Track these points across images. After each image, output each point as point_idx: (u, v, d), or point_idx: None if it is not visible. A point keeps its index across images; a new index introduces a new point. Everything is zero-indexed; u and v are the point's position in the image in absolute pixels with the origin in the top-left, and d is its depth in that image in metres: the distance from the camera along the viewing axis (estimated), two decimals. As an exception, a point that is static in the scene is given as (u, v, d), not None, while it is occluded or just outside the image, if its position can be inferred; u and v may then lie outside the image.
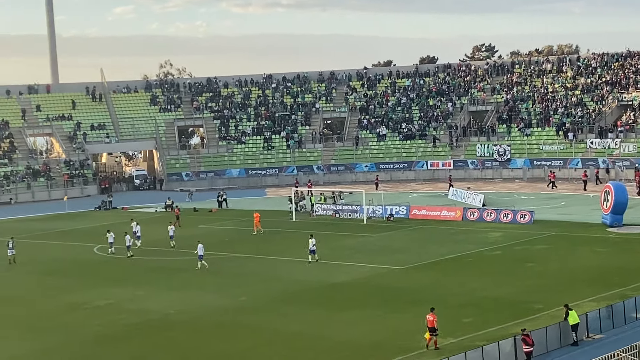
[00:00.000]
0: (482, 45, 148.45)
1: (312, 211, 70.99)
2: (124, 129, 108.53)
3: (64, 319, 39.66)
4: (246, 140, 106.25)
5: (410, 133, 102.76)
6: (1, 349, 34.96)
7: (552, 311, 35.52)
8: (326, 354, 31.96)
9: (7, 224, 75.72)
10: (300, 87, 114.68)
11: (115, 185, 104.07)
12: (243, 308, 39.93)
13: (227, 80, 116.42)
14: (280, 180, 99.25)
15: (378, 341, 33.17)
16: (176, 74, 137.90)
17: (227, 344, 33.99)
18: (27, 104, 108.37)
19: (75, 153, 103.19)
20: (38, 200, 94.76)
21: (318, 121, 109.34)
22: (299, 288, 43.48)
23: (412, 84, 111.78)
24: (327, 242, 57.16)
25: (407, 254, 51.64)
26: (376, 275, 45.95)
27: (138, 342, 35.07)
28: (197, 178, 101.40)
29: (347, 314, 37.69)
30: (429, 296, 40.08)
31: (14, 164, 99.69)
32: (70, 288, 46.55)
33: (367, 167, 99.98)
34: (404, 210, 67.40)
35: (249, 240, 60.11)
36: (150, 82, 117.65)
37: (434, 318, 32.06)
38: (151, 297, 43.30)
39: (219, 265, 51.13)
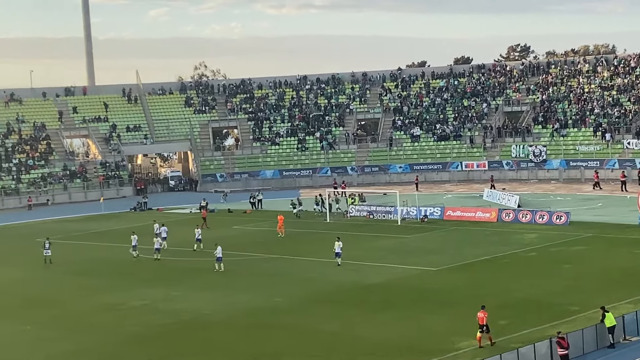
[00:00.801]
0: (517, 45, 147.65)
1: (346, 212, 70.89)
2: (159, 130, 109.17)
3: (100, 319, 39.92)
4: (280, 142, 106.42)
5: (445, 134, 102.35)
6: (38, 349, 35.27)
7: (588, 313, 35.22)
8: (360, 355, 31.89)
9: (45, 225, 76.46)
10: (334, 88, 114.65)
11: (150, 186, 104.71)
12: (277, 309, 39.96)
13: (261, 82, 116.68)
14: (314, 181, 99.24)
15: (412, 342, 33.05)
16: (211, 76, 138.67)
17: (262, 344, 34.03)
18: (63, 106, 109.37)
19: (111, 154, 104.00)
20: (75, 202, 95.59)
21: (352, 122, 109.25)
22: (333, 289, 43.44)
23: (446, 84, 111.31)
24: (361, 243, 57.16)
25: (442, 255, 51.41)
26: (410, 276, 45.79)
27: (173, 342, 35.20)
28: (232, 179, 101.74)
29: (381, 315, 37.59)
30: (464, 297, 39.92)
31: (51, 165, 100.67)
32: (106, 289, 46.87)
33: (401, 168, 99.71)
34: (439, 212, 67.13)
35: (283, 241, 60.16)
36: (185, 84, 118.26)
37: (485, 315, 32.26)
38: (186, 297, 43.47)
39: (253, 266, 51.26)
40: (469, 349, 31.68)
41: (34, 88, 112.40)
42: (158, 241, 55.16)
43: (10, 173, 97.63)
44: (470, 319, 35.68)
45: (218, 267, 49.60)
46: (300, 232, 63.56)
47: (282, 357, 32.36)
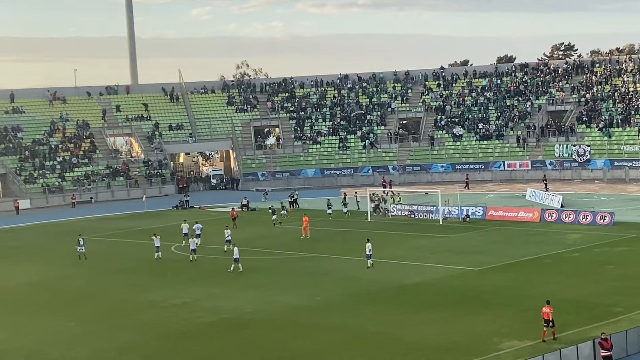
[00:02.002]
0: (561, 44, 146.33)
1: (387, 211, 70.71)
2: (201, 129, 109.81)
3: (142, 316, 40.23)
4: (322, 141, 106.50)
5: (487, 133, 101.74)
6: (82, 345, 35.62)
7: (632, 314, 34.82)
8: (401, 355, 31.80)
9: (88, 223, 77.26)
10: (375, 87, 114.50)
11: (192, 184, 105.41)
12: (318, 307, 39.98)
13: (302, 81, 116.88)
14: (355, 180, 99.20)
15: (453, 343, 32.88)
16: (252, 75, 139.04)
17: (303, 343, 34.06)
18: (107, 105, 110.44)
19: (153, 153, 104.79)
20: (117, 200, 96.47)
21: (393, 121, 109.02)
22: (374, 288, 43.36)
23: (489, 83, 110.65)
24: (402, 243, 57.03)
25: (484, 255, 51.09)
26: (451, 276, 45.56)
27: (214, 340, 35.36)
28: (273, 178, 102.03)
29: (422, 315, 37.44)
30: (505, 298, 39.65)
31: (94, 163, 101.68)
32: (148, 286, 47.23)
33: (442, 168, 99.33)
34: (480, 211, 66.74)
35: (324, 240, 60.16)
36: (227, 83, 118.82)
37: (550, 310, 32.40)
38: (227, 295, 43.64)
39: (294, 264, 51.34)
40: (510, 350, 31.44)
41: (77, 87, 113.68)
42: (194, 242, 54.55)
43: (55, 171, 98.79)
44: (512, 320, 35.52)
45: (235, 267, 49.00)
46: (341, 232, 63.54)
47: (323, 356, 32.35)
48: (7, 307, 43.93)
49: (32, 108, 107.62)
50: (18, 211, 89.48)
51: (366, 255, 48.76)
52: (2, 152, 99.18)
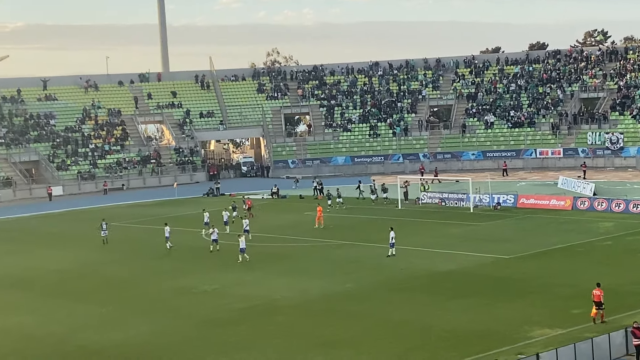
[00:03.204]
0: (594, 30, 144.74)
1: (417, 199, 70.48)
2: (231, 116, 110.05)
3: (173, 302, 40.46)
4: (352, 128, 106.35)
5: (519, 121, 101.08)
6: (115, 330, 35.89)
7: (665, 303, 34.47)
8: (432, 342, 31.74)
9: (119, 210, 77.82)
10: (406, 74, 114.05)
11: (223, 172, 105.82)
12: (349, 295, 39.98)
13: (333, 68, 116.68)
14: (385, 167, 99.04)
15: (484, 331, 32.76)
16: (283, 62, 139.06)
17: (333, 330, 34.07)
18: (138, 92, 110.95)
19: (184, 140, 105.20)
20: (149, 187, 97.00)
21: (424, 109, 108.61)
22: (405, 276, 43.29)
23: (520, 70, 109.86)
24: (433, 231, 56.89)
25: (514, 243, 50.83)
26: (482, 264, 45.38)
27: (245, 326, 35.48)
28: (303, 165, 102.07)
29: (453, 303, 37.33)
30: (536, 286, 39.45)
31: (126, 151, 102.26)
32: (179, 272, 47.46)
33: (474, 155, 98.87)
34: (512, 199, 66.37)
35: (355, 227, 60.17)
36: (257, 70, 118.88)
37: (601, 293, 32.65)
38: (257, 282, 43.76)
39: (325, 252, 51.36)
40: (541, 338, 31.27)
41: (109, 74, 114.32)
42: (215, 232, 53.22)
43: (87, 158, 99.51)
44: (543, 308, 35.34)
45: (242, 258, 48.60)
46: (371, 219, 63.48)
47: (355, 343, 32.35)
48: (40, 293, 44.37)
49: (65, 95, 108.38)
50: (51, 198, 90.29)
51: (389, 244, 48.49)
52: (36, 139, 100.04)
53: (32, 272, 50.16)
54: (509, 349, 30.23)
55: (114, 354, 32.68)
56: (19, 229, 69.61)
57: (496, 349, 30.24)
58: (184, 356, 31.88)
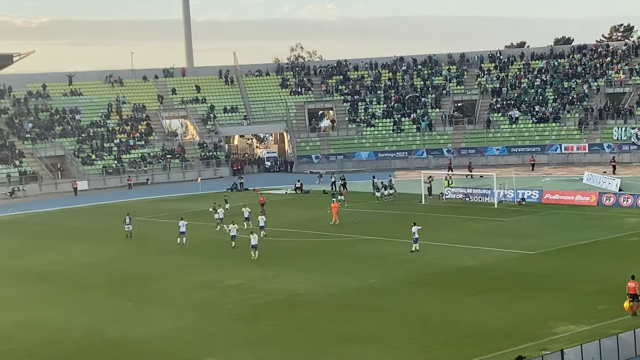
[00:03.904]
0: (620, 25, 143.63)
1: (441, 195, 70.27)
2: (255, 111, 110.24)
3: (198, 296, 40.61)
4: (376, 123, 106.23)
5: (544, 116, 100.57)
6: (140, 324, 36.10)
7: (692, 300, 34.14)
8: (456, 338, 31.67)
9: (144, 204, 78.18)
10: (430, 69, 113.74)
11: (246, 167, 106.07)
12: (372, 290, 39.98)
13: (357, 63, 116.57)
14: (409, 163, 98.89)
15: (508, 327, 32.67)
16: (307, 57, 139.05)
17: (357, 325, 34.09)
18: (163, 88, 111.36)
19: (208, 135, 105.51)
20: (173, 181, 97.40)
21: (448, 104, 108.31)
22: (428, 271, 43.23)
23: (546, 65, 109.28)
24: (456, 226, 56.75)
25: (539, 238, 50.61)
26: (507, 260, 45.22)
27: (269, 321, 35.56)
28: (327, 160, 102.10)
29: (477, 299, 37.25)
30: (561, 282, 39.28)
31: (150, 145, 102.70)
32: (203, 267, 47.64)
33: (498, 151, 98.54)
34: (536, 195, 66.06)
35: (378, 223, 60.13)
36: (281, 65, 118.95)
37: (636, 285, 32.55)
38: (281, 277, 43.84)
39: (348, 247, 51.37)
40: (566, 334, 31.14)
41: (134, 69, 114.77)
42: (235, 228, 52.76)
43: (112, 153, 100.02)
44: (567, 304, 35.18)
45: (254, 254, 48.24)
46: (394, 214, 63.41)
47: (378, 338, 32.35)
48: (65, 287, 44.67)
49: (90, 91, 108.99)
50: (76, 192, 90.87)
51: (413, 239, 48.32)
52: (61, 134, 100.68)
53: (58, 266, 50.53)
54: (534, 345, 30.11)
55: (139, 347, 32.87)
56: (44, 224, 70.10)
57: (520, 345, 30.14)
58: (208, 350, 32.01)
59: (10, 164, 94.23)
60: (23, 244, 59.94)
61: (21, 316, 38.53)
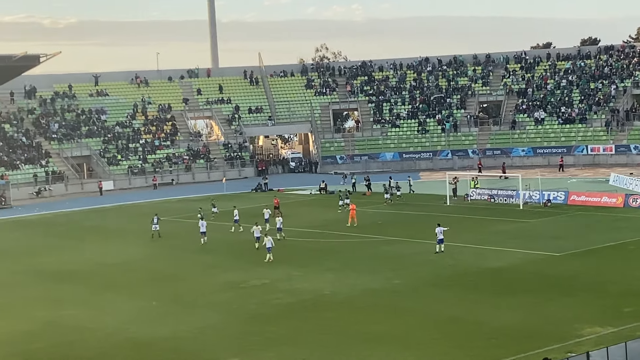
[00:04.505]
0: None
1: (466, 195, 70.03)
2: (280, 112, 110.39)
3: (222, 296, 40.68)
4: (400, 124, 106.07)
5: (570, 117, 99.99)
6: (165, 324, 36.19)
7: None
8: (481, 340, 31.53)
9: (169, 204, 78.48)
10: (455, 70, 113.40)
11: (271, 167, 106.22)
12: (397, 291, 39.90)
13: (382, 64, 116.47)
14: (434, 164, 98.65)
15: (533, 328, 32.48)
16: (331, 58, 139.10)
17: (382, 326, 34.01)
18: (188, 88, 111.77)
19: (233, 136, 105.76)
20: (198, 182, 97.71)
21: (474, 104, 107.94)
22: (453, 272, 43.09)
23: (572, 66, 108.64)
24: (481, 227, 56.54)
25: (565, 240, 50.31)
26: (532, 261, 44.98)
27: (293, 321, 35.57)
28: (352, 161, 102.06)
29: (501, 300, 37.06)
30: (587, 284, 39.03)
31: (175, 146, 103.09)
32: (227, 267, 47.74)
33: (523, 152, 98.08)
34: (562, 196, 65.69)
35: (403, 224, 60.02)
36: (306, 66, 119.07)
37: None
38: (306, 277, 43.84)
39: (372, 248, 51.31)
40: (592, 336, 30.93)
41: (160, 70, 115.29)
42: (258, 229, 52.65)
43: (137, 153, 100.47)
44: (593, 306, 34.94)
45: (268, 257, 47.85)
46: (419, 215, 63.28)
47: (402, 339, 32.27)
48: (91, 287, 44.89)
49: (116, 91, 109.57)
50: (102, 192, 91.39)
51: (437, 240, 48.05)
52: (87, 134, 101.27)
53: (83, 265, 50.81)
54: (559, 347, 29.93)
55: (164, 347, 32.98)
56: (70, 223, 70.54)
57: (546, 347, 29.96)
58: (232, 350, 32.06)
59: (36, 164, 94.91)
60: (49, 243, 60.37)
61: (47, 315, 38.78)
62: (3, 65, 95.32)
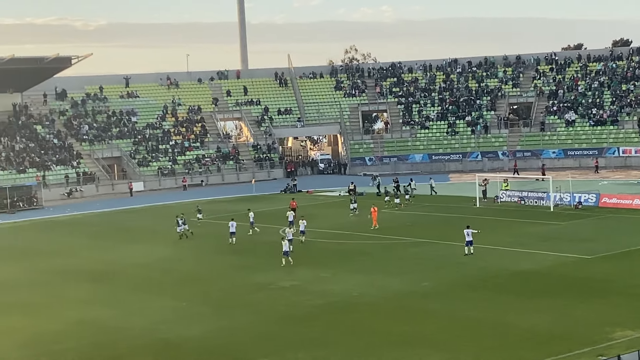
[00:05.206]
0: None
1: (496, 197, 69.65)
2: (309, 113, 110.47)
3: (251, 298, 40.76)
4: (430, 125, 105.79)
5: (601, 119, 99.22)
6: (194, 324, 36.31)
7: None
8: (511, 343, 31.36)
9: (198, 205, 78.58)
10: (485, 71, 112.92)
11: (300, 169, 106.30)
12: (425, 293, 39.78)
13: (411, 65, 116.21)
14: (464, 165, 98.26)
15: (563, 331, 32.26)
16: (361, 59, 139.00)
17: (410, 328, 33.95)
18: (217, 90, 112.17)
19: (262, 137, 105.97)
20: (227, 183, 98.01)
21: (504, 106, 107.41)
22: (482, 275, 42.88)
23: (603, 67, 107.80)
24: (511, 229, 56.24)
25: (596, 243, 49.93)
26: (562, 264, 44.67)
27: (322, 323, 35.57)
28: (381, 163, 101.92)
29: (532, 303, 36.83)
30: (618, 287, 38.71)
31: (205, 147, 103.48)
32: (256, 268, 47.81)
33: (554, 154, 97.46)
34: (594, 198, 65.18)
35: (431, 225, 59.84)
36: (335, 68, 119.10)
37: None
38: (335, 279, 43.82)
39: (402, 249, 51.21)
40: (623, 340, 30.65)
41: (189, 72, 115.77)
42: (292, 232, 52.63)
43: (167, 154, 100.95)
44: (625, 309, 34.62)
45: (286, 261, 47.63)
46: (448, 217, 63.07)
47: (431, 341, 32.18)
48: (121, 287, 45.16)
49: (146, 93, 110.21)
50: (132, 193, 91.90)
51: (466, 242, 47.86)
52: (117, 136, 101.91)
53: (113, 265, 51.13)
54: (590, 351, 29.70)
55: (194, 347, 33.10)
56: (100, 224, 71.02)
57: (576, 350, 29.76)
58: (262, 351, 32.10)
59: (68, 165, 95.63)
60: (79, 244, 60.79)
61: (77, 315, 39.05)
62: (35, 67, 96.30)
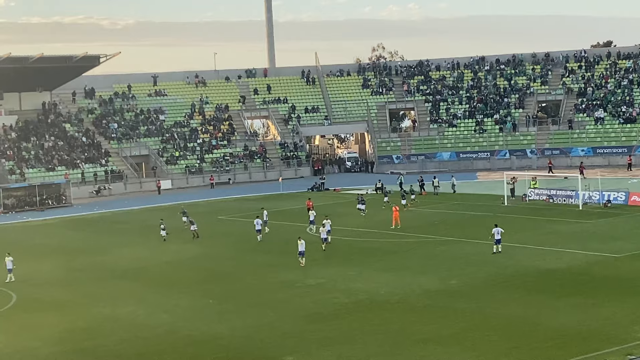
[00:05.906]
0: None
1: (524, 196, 69.28)
2: (336, 112, 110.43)
3: (277, 295, 40.82)
4: (457, 123, 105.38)
5: (631, 116, 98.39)
6: (221, 322, 36.44)
7: None
8: (539, 341, 31.18)
9: (226, 203, 78.98)
10: (514, 69, 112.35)
11: (327, 167, 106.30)
12: (453, 291, 39.65)
13: (438, 63, 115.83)
14: (492, 164, 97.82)
15: (591, 330, 32.04)
16: (388, 57, 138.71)
17: (437, 326, 33.84)
18: (245, 88, 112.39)
19: (289, 135, 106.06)
20: (254, 181, 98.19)
21: (532, 104, 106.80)
22: (510, 273, 42.67)
23: (633, 65, 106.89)
24: (539, 228, 55.94)
25: (625, 241, 49.53)
26: (591, 262, 44.36)
27: (348, 321, 35.55)
28: (408, 161, 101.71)
29: (560, 301, 36.61)
30: (648, 286, 38.37)
31: (232, 145, 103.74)
32: (282, 266, 47.85)
33: (583, 152, 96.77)
34: (623, 197, 64.68)
35: (459, 224, 59.62)
36: (362, 66, 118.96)
37: None
38: (362, 277, 43.79)
39: (429, 248, 51.08)
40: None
41: (217, 70, 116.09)
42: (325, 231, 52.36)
43: (195, 152, 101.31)
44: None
45: (301, 260, 47.41)
46: (476, 216, 62.82)
47: (458, 340, 32.06)
48: (149, 284, 45.38)
49: (174, 91, 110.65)
50: (160, 191, 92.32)
51: (495, 240, 47.58)
52: (145, 134, 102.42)
53: (141, 263, 51.41)
54: (618, 350, 29.49)
55: (220, 344, 33.20)
56: (129, 222, 71.40)
57: (604, 349, 29.55)
58: (288, 348, 32.14)
59: (96, 163, 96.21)
60: (108, 241, 61.13)
61: (106, 312, 39.32)
62: (64, 65, 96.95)
